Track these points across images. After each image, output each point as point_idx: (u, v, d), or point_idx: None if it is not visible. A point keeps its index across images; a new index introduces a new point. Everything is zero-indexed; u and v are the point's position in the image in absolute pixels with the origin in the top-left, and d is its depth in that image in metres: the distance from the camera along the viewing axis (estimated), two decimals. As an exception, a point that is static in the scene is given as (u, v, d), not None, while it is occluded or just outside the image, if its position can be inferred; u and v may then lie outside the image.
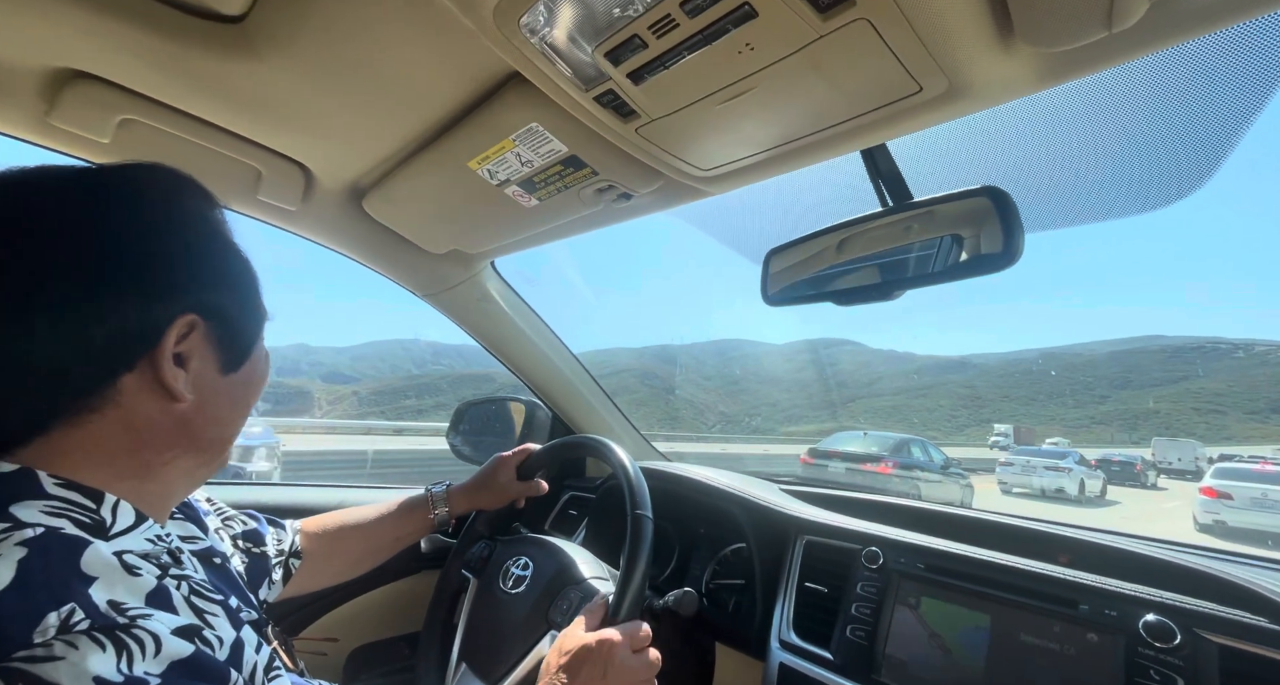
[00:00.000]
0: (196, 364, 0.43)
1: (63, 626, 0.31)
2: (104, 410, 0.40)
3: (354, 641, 1.17)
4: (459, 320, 1.25)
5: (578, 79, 0.57)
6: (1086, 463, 16.91)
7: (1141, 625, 0.61)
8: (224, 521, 0.69)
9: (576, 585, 0.80)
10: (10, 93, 0.69)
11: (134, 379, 0.41)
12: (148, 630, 0.33)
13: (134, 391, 0.41)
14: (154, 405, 0.42)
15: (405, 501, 0.92)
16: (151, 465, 0.43)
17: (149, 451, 0.43)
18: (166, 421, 0.43)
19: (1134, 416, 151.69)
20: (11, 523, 0.34)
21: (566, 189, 0.81)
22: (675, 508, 1.12)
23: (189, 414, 0.44)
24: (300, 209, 0.95)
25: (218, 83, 0.69)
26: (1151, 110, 0.58)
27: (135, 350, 0.40)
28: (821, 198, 0.88)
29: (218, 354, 0.45)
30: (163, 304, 0.41)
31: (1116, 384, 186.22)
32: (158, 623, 0.34)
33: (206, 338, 0.44)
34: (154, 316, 0.40)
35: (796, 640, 0.84)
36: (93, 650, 0.30)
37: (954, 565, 0.77)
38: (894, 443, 11.50)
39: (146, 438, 0.42)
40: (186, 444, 0.45)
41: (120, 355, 0.40)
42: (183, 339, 0.42)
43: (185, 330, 0.42)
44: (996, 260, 0.59)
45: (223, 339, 0.45)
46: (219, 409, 0.46)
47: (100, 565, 0.35)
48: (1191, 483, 10.40)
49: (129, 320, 0.40)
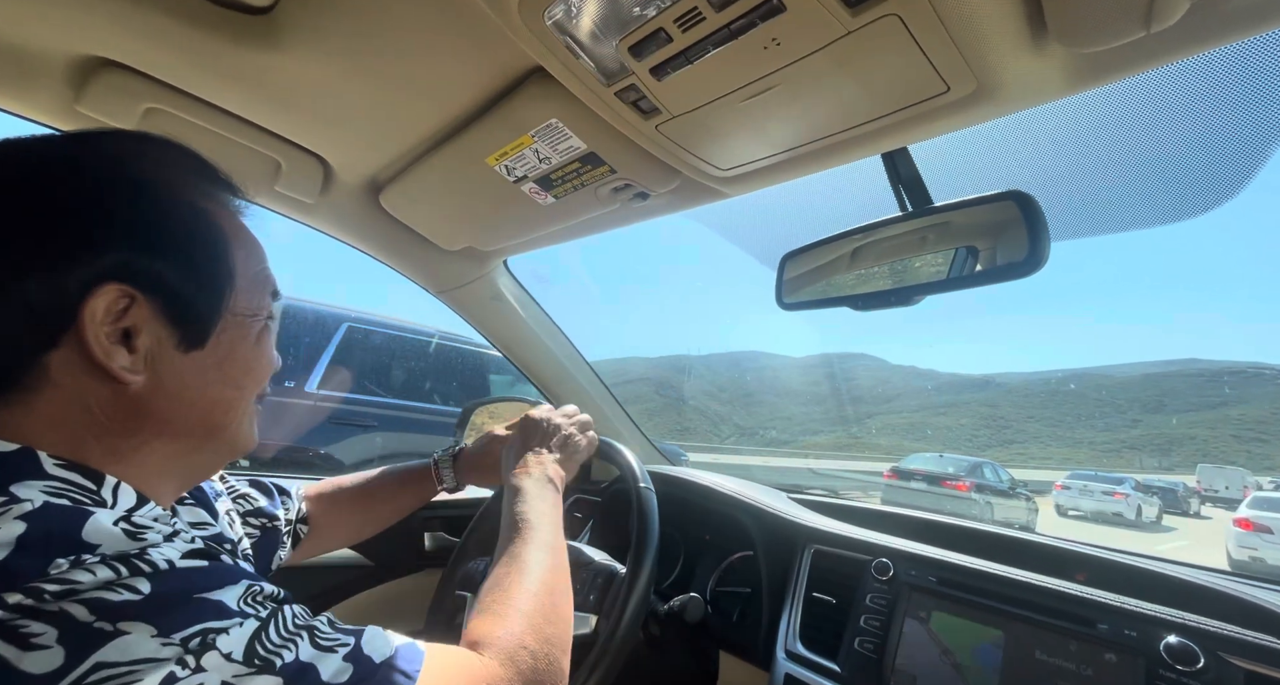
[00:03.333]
0: (148, 340, 0.40)
1: (75, 563, 0.32)
2: (40, 390, 0.38)
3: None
4: (470, 318, 1.25)
5: (600, 73, 0.57)
6: (1144, 488, 17.26)
7: (1163, 647, 0.59)
8: (235, 500, 0.68)
9: (585, 566, 0.79)
10: (41, 79, 0.70)
11: (63, 357, 0.38)
12: (159, 552, 0.34)
13: (68, 371, 0.38)
14: (103, 386, 0.39)
15: (405, 469, 0.90)
16: (120, 449, 0.41)
17: (113, 435, 0.41)
18: (121, 404, 0.40)
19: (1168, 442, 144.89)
20: (9, 497, 0.33)
21: (583, 187, 0.81)
22: (681, 513, 1.11)
23: (144, 396, 0.41)
24: (317, 202, 0.95)
25: (242, 74, 0.70)
26: (1185, 114, 0.57)
27: (50, 327, 0.38)
28: (839, 202, 0.87)
29: (172, 330, 0.42)
30: (72, 275, 0.37)
31: (1149, 407, 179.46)
32: (168, 550, 0.35)
33: (155, 312, 0.40)
34: (63, 290, 0.37)
35: (803, 651, 0.82)
36: (107, 574, 0.32)
37: (967, 579, 0.75)
38: (968, 464, 12.61)
39: (105, 420, 0.40)
40: (155, 428, 0.42)
41: (31, 333, 0.37)
42: (123, 314, 0.39)
43: (122, 303, 0.39)
44: (1020, 267, 0.58)
45: (172, 313, 0.41)
46: (184, 390, 0.43)
47: (103, 534, 0.34)
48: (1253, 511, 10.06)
49: (32, 295, 0.37)
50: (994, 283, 0.61)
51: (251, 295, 0.47)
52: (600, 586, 0.76)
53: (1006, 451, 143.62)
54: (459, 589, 0.90)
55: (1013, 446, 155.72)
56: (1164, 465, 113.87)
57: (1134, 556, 0.79)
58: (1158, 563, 0.76)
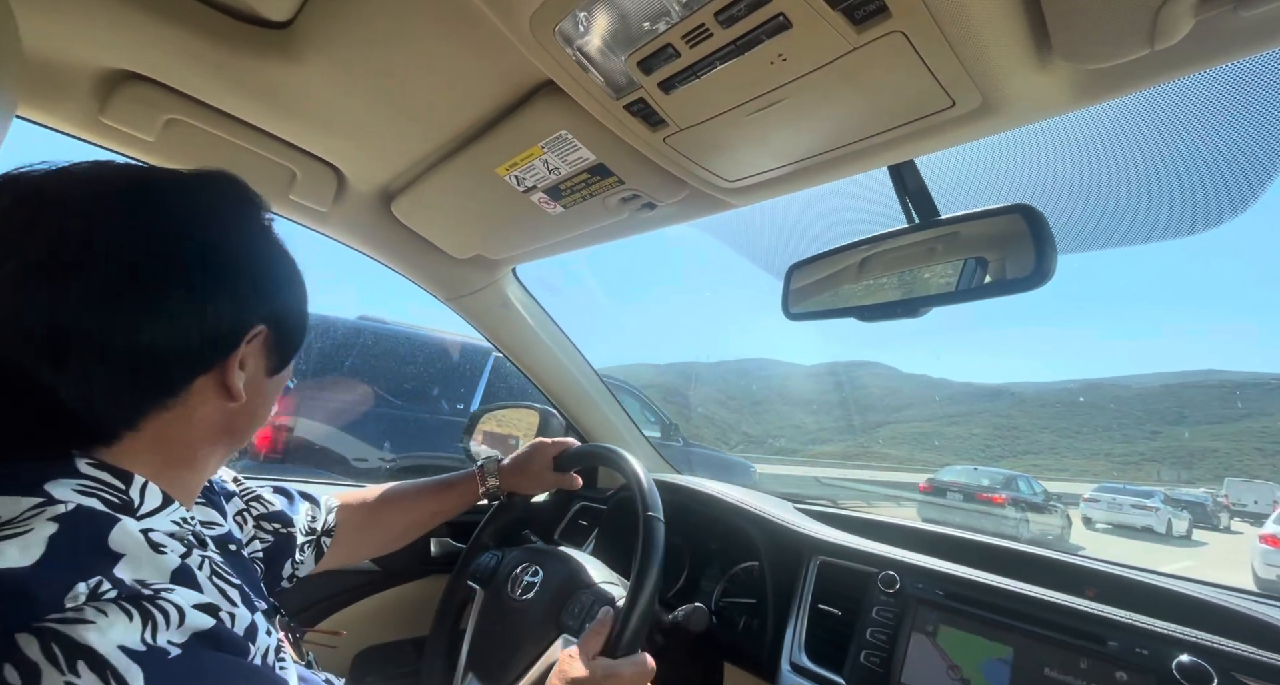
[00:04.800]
0: (251, 367, 0.46)
1: (91, 594, 0.32)
2: (175, 408, 0.42)
3: (361, 642, 1.16)
4: (479, 325, 1.26)
5: (609, 87, 0.58)
6: (1173, 502, 17.09)
7: (1175, 666, 0.58)
8: (248, 503, 0.70)
9: (588, 589, 0.79)
10: (67, 91, 0.72)
11: (206, 380, 0.43)
12: (171, 602, 0.34)
13: (203, 391, 0.43)
14: (214, 404, 0.44)
15: (446, 478, 0.96)
16: (198, 457, 0.46)
17: (200, 445, 0.45)
18: (219, 418, 0.45)
19: (1189, 455, 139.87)
20: (45, 499, 0.35)
21: (592, 197, 0.82)
22: (686, 522, 1.11)
23: (237, 412, 0.46)
24: (330, 210, 0.97)
25: (260, 85, 0.72)
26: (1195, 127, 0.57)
27: (219, 353, 0.43)
28: (845, 213, 0.88)
29: (269, 358, 0.48)
30: (247, 311, 0.44)
31: (1169, 419, 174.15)
32: (180, 597, 0.35)
33: (264, 343, 0.46)
34: (239, 323, 0.43)
35: (808, 663, 0.81)
36: (120, 618, 0.31)
37: (975, 594, 0.74)
38: (1003, 477, 12.84)
39: (200, 432, 0.45)
40: (229, 438, 0.48)
41: (207, 357, 0.42)
42: (248, 344, 0.44)
43: (253, 337, 0.44)
44: (1027, 280, 0.58)
45: (278, 344, 0.48)
46: (260, 407, 0.49)
47: (127, 542, 0.36)
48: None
49: (222, 325, 0.42)
50: (1000, 295, 0.61)
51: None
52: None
53: (1020, 463, 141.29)
54: (470, 580, 0.93)
55: (1026, 457, 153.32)
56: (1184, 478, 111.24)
57: (1146, 573, 0.78)
58: (1171, 580, 0.75)
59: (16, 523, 0.33)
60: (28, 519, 0.33)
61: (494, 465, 0.97)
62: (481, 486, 0.95)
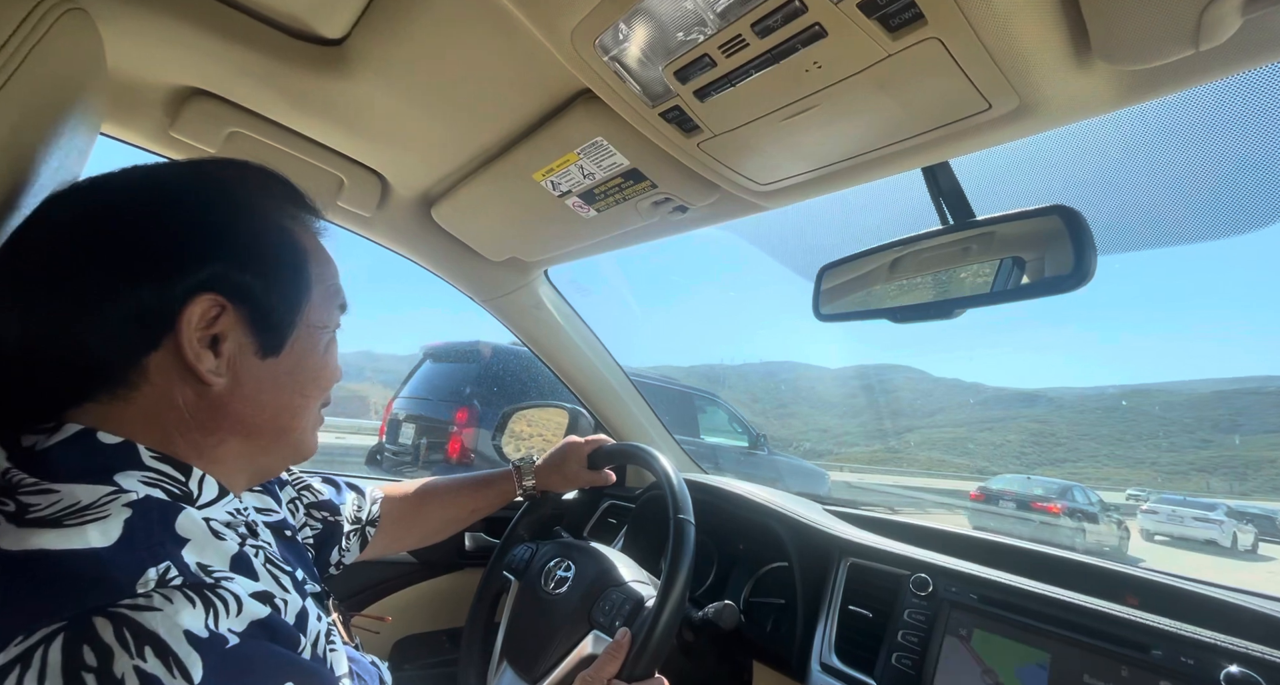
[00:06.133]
0: (231, 347, 0.44)
1: (160, 581, 0.34)
2: (139, 387, 0.42)
3: (399, 632, 1.21)
4: (513, 326, 1.29)
5: (645, 96, 0.60)
6: (1237, 514, 16.38)
7: (1224, 677, 0.57)
8: (299, 491, 0.73)
9: (618, 587, 0.81)
10: (141, 108, 0.78)
11: (161, 359, 0.42)
12: (230, 591, 0.36)
13: (164, 371, 0.42)
14: (189, 387, 0.43)
15: (484, 475, 0.99)
16: (203, 446, 0.45)
17: (197, 432, 0.44)
18: (204, 404, 0.44)
19: (1243, 465, 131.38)
20: (116, 488, 0.38)
21: (625, 201, 0.84)
22: (715, 522, 1.12)
23: (224, 397, 0.44)
24: (374, 216, 1.02)
25: (315, 99, 0.76)
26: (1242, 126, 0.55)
27: (155, 331, 0.41)
28: (878, 215, 0.88)
29: (253, 338, 0.45)
30: (175, 285, 0.41)
31: (1222, 428, 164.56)
32: (239, 586, 0.37)
33: (240, 321, 0.44)
34: (169, 297, 0.41)
35: (839, 664, 0.81)
36: (185, 605, 0.33)
37: (1011, 598, 0.73)
38: (1058, 487, 12.54)
39: (190, 418, 0.44)
40: (230, 428, 0.46)
41: (139, 336, 0.41)
42: (214, 321, 0.43)
43: (214, 312, 0.42)
44: (1066, 280, 0.58)
45: (255, 322, 0.45)
46: (259, 394, 0.46)
47: (192, 528, 0.39)
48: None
49: (143, 302, 0.41)
50: (1037, 296, 0.61)
51: (323, 308, 0.51)
52: (628, 614, 0.77)
53: (1057, 471, 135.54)
54: (505, 571, 0.96)
55: (1064, 465, 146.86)
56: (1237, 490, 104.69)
57: (1191, 581, 0.76)
58: (1219, 590, 0.73)
59: (95, 508, 0.36)
60: (104, 504, 0.36)
61: (529, 465, 0.99)
62: (518, 486, 0.98)
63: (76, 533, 0.34)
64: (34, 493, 0.36)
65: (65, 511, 0.35)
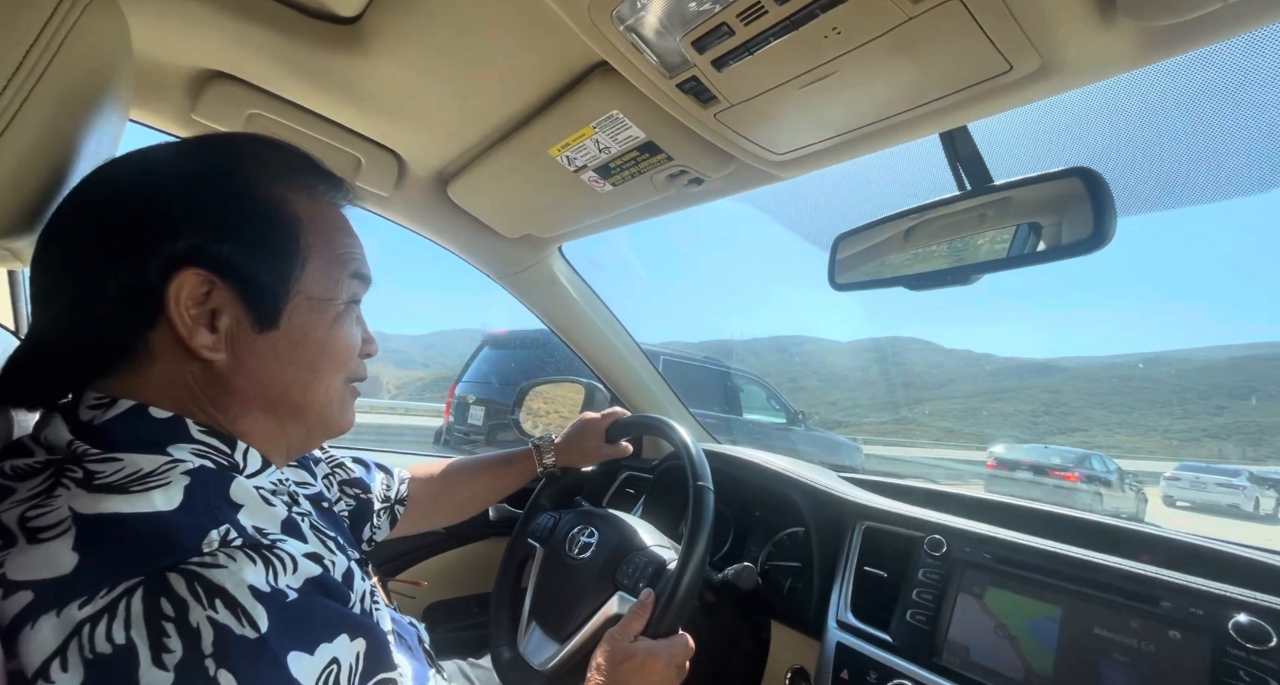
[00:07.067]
0: (227, 322, 0.44)
1: (223, 541, 0.36)
2: (147, 364, 0.43)
3: (429, 598, 1.27)
4: (528, 302, 1.31)
5: (662, 67, 0.60)
6: (1259, 480, 16.64)
7: (1231, 626, 0.59)
8: (332, 468, 0.77)
9: (640, 551, 0.84)
10: (165, 92, 0.79)
11: (161, 335, 0.43)
12: (286, 551, 0.39)
13: (166, 347, 0.43)
14: (194, 363, 0.44)
15: (504, 455, 1.02)
16: (219, 421, 0.46)
17: (212, 407, 0.45)
18: (210, 379, 0.45)
19: (1258, 431, 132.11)
20: (172, 458, 0.40)
21: (640, 175, 0.84)
22: (732, 490, 1.14)
23: (228, 372, 0.45)
24: (392, 195, 1.03)
25: (331, 78, 0.76)
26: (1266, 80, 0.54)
27: (147, 309, 0.42)
28: (894, 182, 0.87)
29: (247, 312, 0.45)
30: (151, 262, 0.41)
31: (1237, 394, 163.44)
32: (292, 547, 0.39)
33: (232, 295, 0.44)
34: (147, 274, 0.41)
35: (854, 621, 0.85)
36: (247, 563, 0.36)
37: (1024, 556, 0.76)
38: (1076, 455, 12.73)
39: (201, 393, 0.45)
40: (242, 403, 0.46)
41: (134, 313, 0.42)
42: (206, 297, 0.43)
43: (204, 288, 0.43)
44: (1085, 244, 0.58)
45: (245, 295, 0.44)
46: (262, 369, 0.46)
47: (245, 495, 0.41)
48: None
49: (123, 281, 0.42)
50: (1057, 260, 0.61)
51: (326, 278, 0.48)
52: (650, 576, 0.79)
53: (1069, 439, 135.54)
54: (530, 538, 1.00)
55: (1075, 434, 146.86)
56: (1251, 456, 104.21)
57: (1204, 539, 0.77)
58: (1228, 544, 0.74)
59: (156, 475, 0.38)
60: (164, 472, 0.39)
61: (549, 443, 1.02)
62: (539, 465, 1.01)
63: (143, 498, 0.37)
64: (99, 461, 0.39)
65: (130, 478, 0.38)
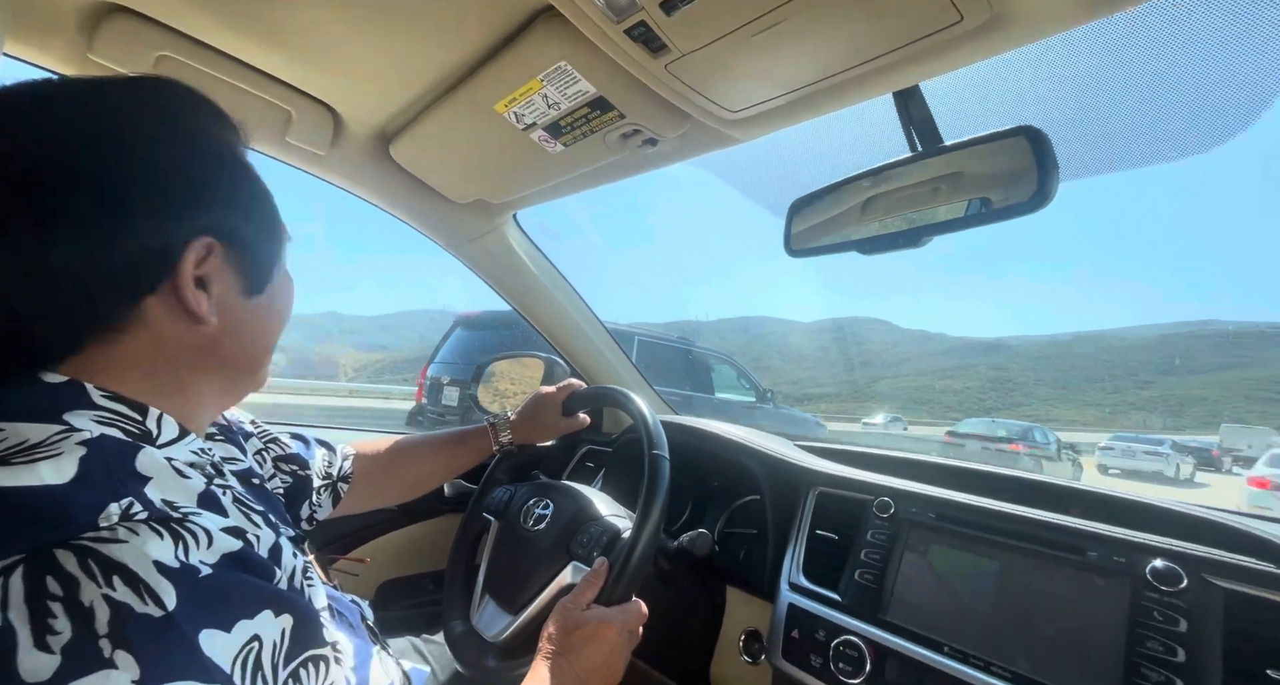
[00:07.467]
0: (219, 287, 0.44)
1: (124, 515, 0.33)
2: (132, 331, 0.41)
3: (382, 575, 1.23)
4: (482, 272, 1.26)
5: (609, 9, 0.57)
6: (1181, 448, 19.16)
7: (1149, 570, 0.62)
8: (266, 444, 0.72)
9: (595, 521, 0.83)
10: (54, 26, 0.70)
11: (158, 301, 0.41)
12: (199, 525, 0.35)
13: (160, 313, 0.41)
14: (182, 327, 0.42)
15: (459, 432, 0.99)
16: (185, 383, 0.45)
17: (184, 370, 0.44)
18: (195, 342, 0.44)
19: (1178, 403, 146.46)
20: (67, 427, 0.36)
21: (592, 133, 0.81)
22: (691, 460, 1.15)
23: (216, 336, 0.44)
24: (329, 154, 0.96)
25: (251, 19, 0.70)
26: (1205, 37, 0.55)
27: (155, 272, 0.41)
28: (847, 147, 0.87)
29: (239, 277, 0.45)
30: (178, 226, 0.41)
31: (1162, 369, 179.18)
32: (207, 521, 0.36)
33: (226, 261, 0.44)
34: (170, 239, 0.40)
35: (805, 583, 0.86)
36: (152, 537, 0.32)
37: (965, 514, 0.78)
38: (1020, 428, 14.03)
39: (178, 357, 0.43)
40: (217, 365, 0.46)
41: (140, 277, 0.40)
42: (202, 262, 0.42)
43: (204, 253, 0.42)
44: (1029, 204, 0.59)
45: (242, 262, 0.45)
46: (246, 332, 0.47)
47: (154, 467, 0.37)
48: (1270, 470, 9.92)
49: (146, 242, 0.40)
50: (1003, 219, 0.62)
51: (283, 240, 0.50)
52: (605, 545, 0.79)
53: (1014, 414, 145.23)
54: (485, 513, 0.98)
55: (1020, 409, 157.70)
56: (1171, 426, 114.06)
57: (1127, 493, 0.82)
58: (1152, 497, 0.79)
59: (45, 446, 0.34)
60: (55, 443, 0.34)
61: (504, 421, 0.99)
62: (495, 443, 0.98)
63: (26, 470, 0.32)
64: None
65: (12, 450, 0.33)
